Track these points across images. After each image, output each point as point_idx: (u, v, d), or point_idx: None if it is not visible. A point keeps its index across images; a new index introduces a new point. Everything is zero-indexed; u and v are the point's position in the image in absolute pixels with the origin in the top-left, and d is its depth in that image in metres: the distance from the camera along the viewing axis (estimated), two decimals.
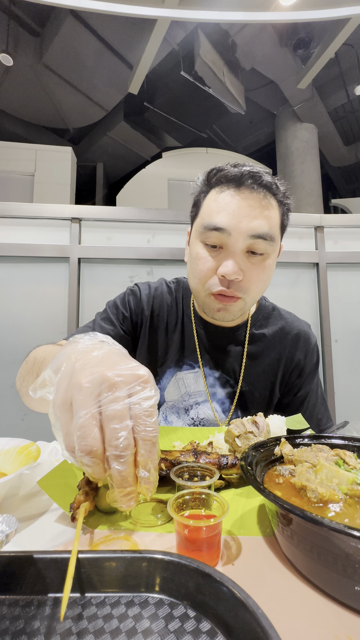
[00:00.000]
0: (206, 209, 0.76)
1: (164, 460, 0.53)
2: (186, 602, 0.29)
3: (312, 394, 0.91)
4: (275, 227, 0.75)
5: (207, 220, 0.73)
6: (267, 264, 0.76)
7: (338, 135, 6.87)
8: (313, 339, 0.92)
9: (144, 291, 0.92)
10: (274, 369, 0.89)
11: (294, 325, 0.92)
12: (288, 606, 0.30)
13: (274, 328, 0.91)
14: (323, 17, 3.66)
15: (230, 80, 5.13)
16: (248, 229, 0.71)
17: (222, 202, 0.73)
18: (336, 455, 0.47)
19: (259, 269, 0.75)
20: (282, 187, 0.77)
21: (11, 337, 1.73)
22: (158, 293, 0.92)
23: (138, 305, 0.90)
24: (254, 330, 0.89)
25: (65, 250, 1.75)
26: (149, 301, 0.91)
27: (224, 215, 0.71)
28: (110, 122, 6.43)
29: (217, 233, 0.72)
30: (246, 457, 0.44)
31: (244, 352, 0.88)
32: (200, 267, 0.75)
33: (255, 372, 0.88)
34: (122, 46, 4.82)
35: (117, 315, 0.89)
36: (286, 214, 0.79)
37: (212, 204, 0.74)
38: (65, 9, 4.09)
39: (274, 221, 0.74)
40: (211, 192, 0.76)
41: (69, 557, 0.30)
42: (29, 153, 5.30)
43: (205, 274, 0.75)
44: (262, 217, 0.72)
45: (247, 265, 0.73)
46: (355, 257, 1.91)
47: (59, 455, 0.66)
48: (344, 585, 0.30)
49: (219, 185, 0.75)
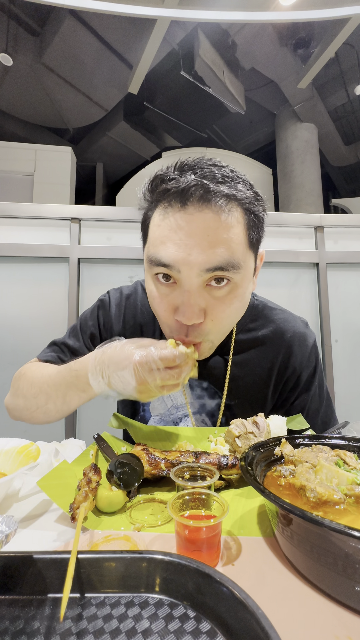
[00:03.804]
0: (151, 236, 0.61)
1: (164, 460, 0.53)
2: (186, 602, 0.29)
3: (314, 398, 0.80)
4: (239, 248, 0.58)
5: (152, 253, 0.59)
6: (234, 296, 0.60)
7: (338, 135, 6.87)
8: (310, 339, 0.81)
9: (114, 301, 0.84)
10: (265, 379, 0.78)
11: (288, 327, 0.79)
12: (288, 606, 0.30)
13: (264, 332, 0.78)
14: (323, 17, 3.65)
15: (230, 80, 5.13)
16: (200, 263, 0.55)
17: (167, 228, 0.57)
18: (336, 455, 0.47)
19: (224, 304, 0.60)
20: (245, 194, 0.59)
21: (11, 337, 1.73)
22: (131, 302, 0.84)
23: (107, 319, 0.83)
24: (240, 336, 0.78)
25: (65, 250, 1.75)
26: (120, 313, 0.83)
27: (170, 246, 0.56)
28: (110, 122, 6.42)
29: (164, 269, 0.58)
30: (246, 457, 0.44)
31: (229, 362, 0.77)
32: (156, 307, 0.64)
33: (244, 383, 0.77)
34: (122, 46, 4.82)
35: (85, 332, 0.84)
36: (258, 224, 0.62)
37: (156, 230, 0.59)
38: (65, 9, 4.08)
39: (237, 241, 0.58)
40: (157, 211, 0.60)
41: (69, 557, 0.30)
42: (28, 153, 5.30)
43: (163, 315, 0.63)
44: (218, 242, 0.56)
45: (209, 302, 0.59)
46: (355, 257, 1.91)
47: (59, 455, 0.66)
48: (344, 585, 0.30)
49: (161, 202, 0.59)
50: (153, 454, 0.54)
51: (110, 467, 0.49)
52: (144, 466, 0.51)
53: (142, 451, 0.55)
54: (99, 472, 0.49)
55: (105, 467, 0.51)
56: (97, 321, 0.84)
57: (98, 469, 0.50)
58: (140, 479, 0.49)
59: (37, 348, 1.80)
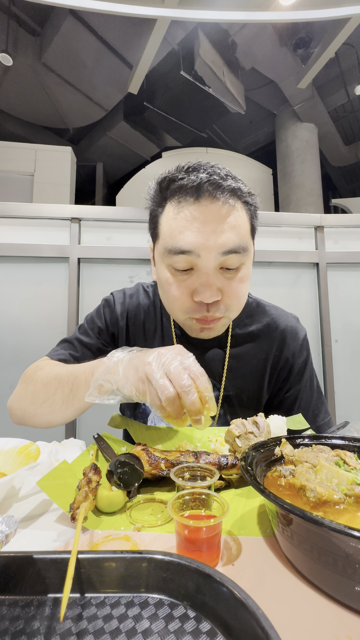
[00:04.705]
0: (166, 229, 0.67)
1: (164, 460, 0.53)
2: (186, 602, 0.29)
3: (306, 390, 0.86)
4: (245, 235, 0.68)
5: (171, 243, 0.65)
6: (243, 275, 0.69)
7: (338, 135, 6.87)
8: (301, 333, 0.87)
9: (118, 300, 0.89)
10: (261, 370, 0.84)
11: (280, 321, 0.86)
12: (288, 606, 0.30)
13: (258, 326, 0.85)
14: (323, 17, 3.65)
15: (230, 80, 5.13)
16: (218, 246, 0.63)
17: (183, 219, 0.64)
18: (337, 455, 0.47)
19: (235, 282, 0.69)
20: (245, 187, 0.69)
21: (11, 337, 1.73)
22: (133, 301, 0.89)
23: (112, 315, 0.88)
24: (237, 330, 0.84)
25: (65, 250, 1.75)
26: (124, 311, 0.88)
27: (188, 235, 0.63)
28: (110, 122, 6.42)
29: (184, 256, 0.64)
30: (246, 457, 0.44)
31: (227, 355, 0.83)
32: (173, 293, 0.69)
33: (241, 373, 0.83)
34: (122, 46, 4.82)
35: (94, 328, 0.87)
36: (254, 214, 0.73)
37: (172, 222, 0.66)
38: (65, 9, 4.08)
39: (244, 229, 0.67)
40: (168, 207, 0.68)
41: (69, 557, 0.30)
42: (28, 153, 5.30)
43: (180, 300, 0.69)
44: (230, 228, 0.64)
45: (223, 282, 0.68)
46: (355, 257, 1.91)
47: (59, 455, 0.66)
48: (344, 585, 0.30)
49: (174, 197, 0.66)
50: (153, 454, 0.54)
51: (110, 467, 0.49)
52: (144, 466, 0.51)
53: (142, 451, 0.55)
54: (99, 472, 0.49)
55: (105, 467, 0.51)
56: (103, 318, 0.88)
57: (98, 469, 0.50)
58: (140, 479, 0.49)
59: (37, 348, 1.80)
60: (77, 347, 0.85)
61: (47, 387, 0.69)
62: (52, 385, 0.68)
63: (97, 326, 0.87)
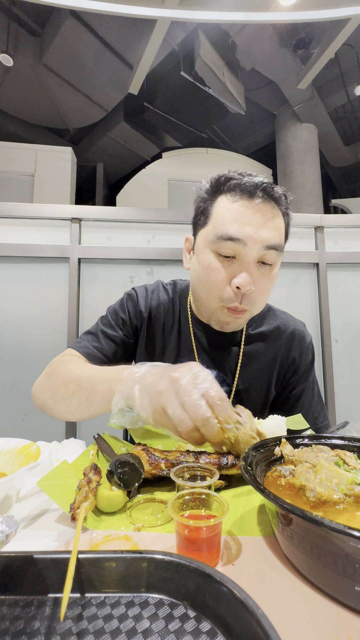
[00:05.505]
0: (218, 217, 0.74)
1: (164, 460, 0.53)
2: (186, 602, 0.29)
3: (308, 391, 0.92)
4: (283, 237, 0.76)
5: (221, 230, 0.72)
6: (273, 274, 0.77)
7: (338, 135, 6.87)
8: (308, 338, 0.94)
9: (140, 294, 0.93)
10: (270, 368, 0.90)
11: (289, 325, 0.93)
12: (288, 606, 0.30)
13: (269, 328, 0.92)
14: (323, 17, 3.66)
15: (230, 80, 5.13)
16: (263, 240, 0.71)
17: (236, 211, 0.72)
18: (336, 455, 0.47)
19: (267, 279, 0.76)
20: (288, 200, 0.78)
21: (11, 337, 1.73)
22: (155, 295, 0.94)
23: (136, 308, 0.91)
24: (250, 331, 0.91)
25: (65, 251, 1.75)
26: (147, 303, 0.92)
27: (239, 225, 0.71)
28: (110, 122, 6.42)
29: (232, 243, 0.71)
30: (246, 457, 0.44)
31: (240, 352, 0.89)
32: (213, 278, 0.75)
33: (251, 370, 0.89)
34: (122, 46, 4.82)
35: (117, 320, 0.90)
36: (289, 225, 0.81)
37: (224, 213, 0.73)
38: (66, 9, 4.09)
39: (282, 232, 0.76)
40: (221, 200, 0.75)
41: (69, 557, 0.30)
42: (29, 153, 5.31)
43: (219, 285, 0.74)
44: (273, 227, 0.73)
45: (258, 276, 0.74)
46: (355, 257, 1.91)
47: (59, 455, 0.66)
48: (344, 585, 0.30)
49: (229, 193, 0.74)
50: (153, 454, 0.54)
51: (110, 467, 0.49)
52: (144, 466, 0.51)
53: (142, 451, 0.55)
54: (99, 472, 0.49)
55: (105, 467, 0.51)
56: (127, 311, 0.92)
57: (98, 469, 0.50)
58: (140, 479, 0.49)
59: (37, 348, 1.80)
60: (101, 340, 0.87)
61: (66, 388, 0.69)
62: (70, 387, 0.69)
63: (120, 318, 0.90)
